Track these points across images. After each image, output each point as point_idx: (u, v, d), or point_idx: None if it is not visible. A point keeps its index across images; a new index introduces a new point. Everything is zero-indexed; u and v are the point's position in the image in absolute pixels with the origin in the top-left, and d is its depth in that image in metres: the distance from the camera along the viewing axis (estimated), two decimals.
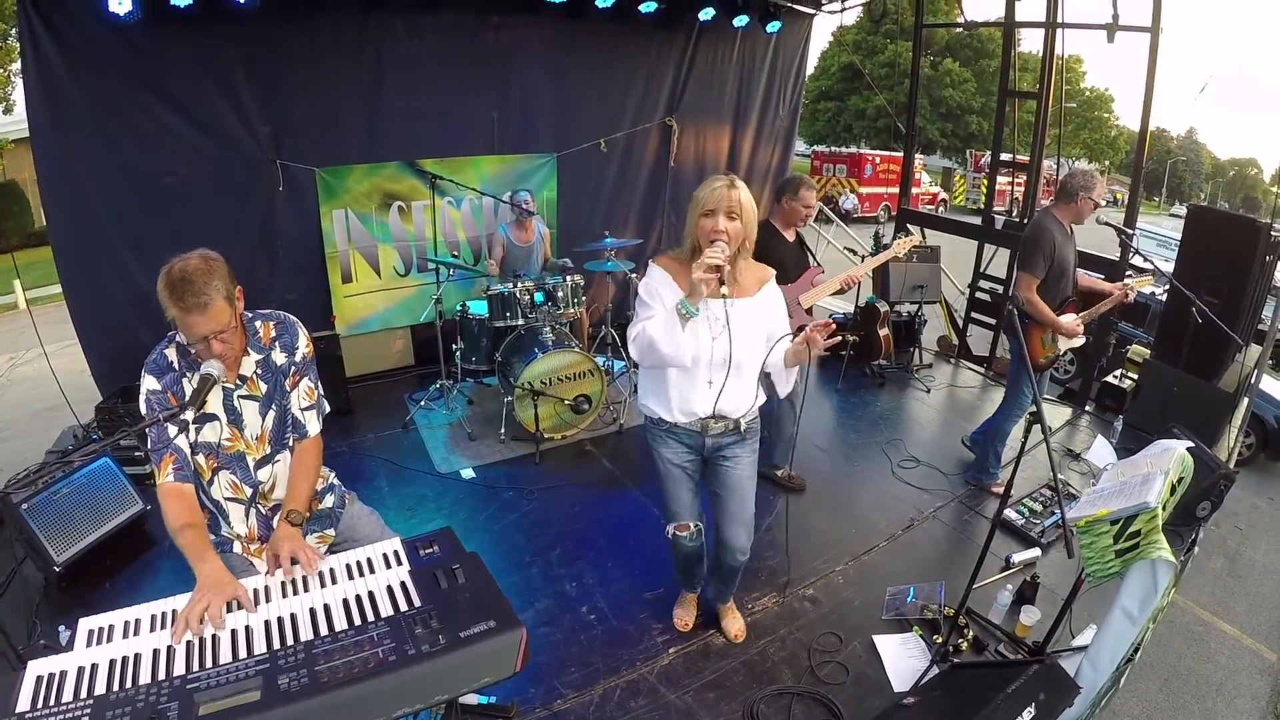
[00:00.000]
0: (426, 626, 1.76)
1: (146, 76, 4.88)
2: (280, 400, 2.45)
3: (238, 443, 2.38)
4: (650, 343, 2.54)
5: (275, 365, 2.43)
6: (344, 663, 1.66)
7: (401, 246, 6.40)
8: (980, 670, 3.13)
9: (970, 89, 34.37)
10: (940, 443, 5.82)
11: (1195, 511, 4.09)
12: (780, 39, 7.77)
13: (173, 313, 2.11)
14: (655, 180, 7.69)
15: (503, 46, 6.20)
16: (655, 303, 2.63)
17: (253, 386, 2.38)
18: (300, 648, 1.74)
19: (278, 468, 2.48)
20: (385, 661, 1.66)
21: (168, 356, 2.28)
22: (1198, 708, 4.03)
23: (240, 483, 2.42)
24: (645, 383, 2.94)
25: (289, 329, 2.48)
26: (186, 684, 1.63)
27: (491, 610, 1.80)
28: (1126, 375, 7.08)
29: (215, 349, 2.18)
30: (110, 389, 5.21)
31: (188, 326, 2.13)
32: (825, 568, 4.10)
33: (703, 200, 2.54)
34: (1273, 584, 5.46)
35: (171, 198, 5.16)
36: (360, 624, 1.83)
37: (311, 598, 1.98)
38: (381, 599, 1.93)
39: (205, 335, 2.14)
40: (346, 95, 5.68)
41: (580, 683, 3.19)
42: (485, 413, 5.90)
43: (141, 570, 3.95)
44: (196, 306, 2.10)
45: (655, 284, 2.67)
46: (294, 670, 1.65)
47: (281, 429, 2.47)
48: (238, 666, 1.68)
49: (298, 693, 1.58)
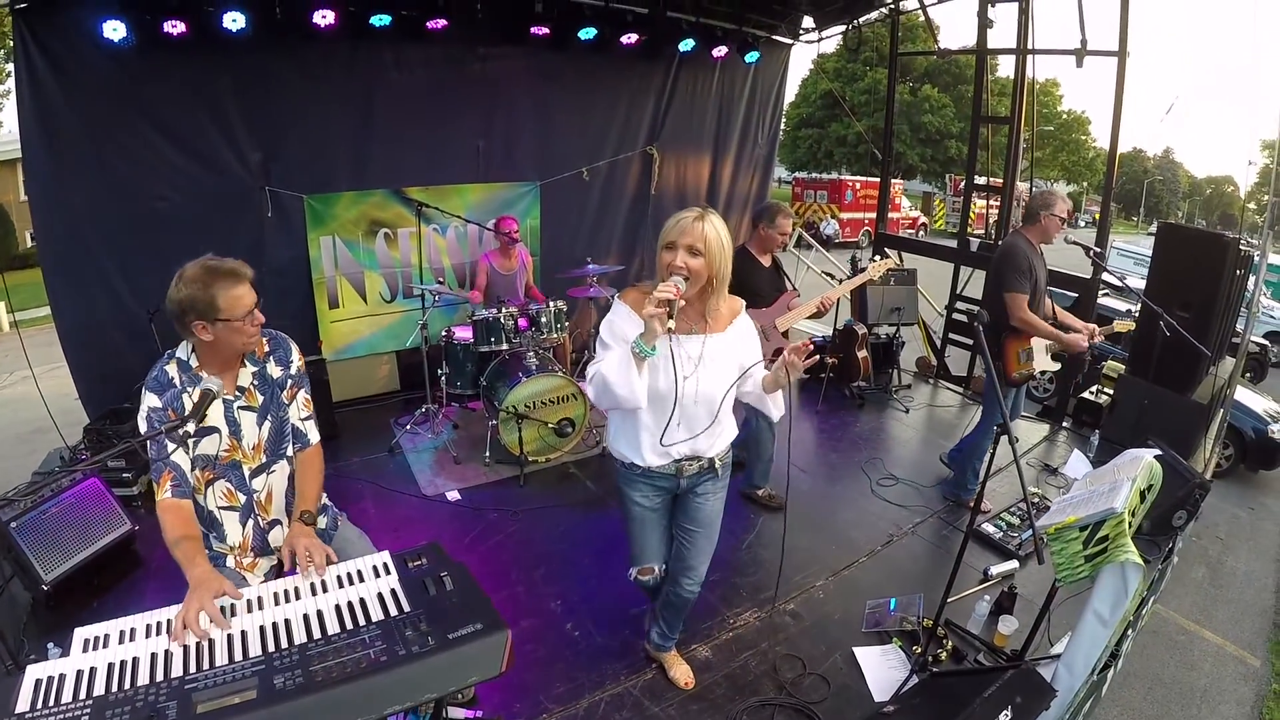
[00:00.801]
0: (416, 629, 1.83)
1: (139, 102, 4.97)
2: (276, 411, 2.54)
3: (235, 452, 2.46)
4: (604, 384, 2.42)
5: (271, 378, 2.54)
6: (337, 663, 1.73)
7: (388, 273, 6.48)
8: (959, 678, 3.20)
9: (949, 114, 34.91)
10: (919, 461, 5.92)
11: (1172, 521, 4.20)
12: (759, 69, 7.97)
13: (219, 294, 2.23)
14: (637, 208, 7.82)
15: (488, 77, 6.35)
16: (615, 342, 2.49)
17: (250, 397, 2.48)
18: (294, 650, 1.80)
19: (273, 479, 2.57)
20: (377, 661, 1.73)
21: (168, 373, 2.35)
22: (1182, 715, 4.13)
23: (235, 490, 2.50)
24: (615, 425, 2.79)
25: (282, 344, 2.61)
26: (184, 684, 1.69)
27: (478, 614, 1.87)
28: (1102, 391, 7.22)
29: (259, 319, 2.36)
30: (97, 412, 5.25)
31: (237, 300, 2.27)
32: (806, 583, 4.16)
33: (665, 232, 2.45)
34: (1254, 592, 5.58)
35: (161, 222, 5.24)
36: (353, 628, 1.89)
37: (304, 604, 2.04)
38: (372, 605, 1.99)
39: (251, 307, 2.31)
40: (335, 124, 5.80)
41: (566, 697, 3.23)
42: (470, 436, 5.94)
43: (129, 590, 3.97)
44: (240, 277, 2.29)
45: (619, 321, 2.54)
46: (289, 670, 1.71)
47: (278, 440, 2.56)
48: (234, 668, 1.74)
49: (292, 691, 1.64)
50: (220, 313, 2.25)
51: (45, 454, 5.32)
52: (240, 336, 2.33)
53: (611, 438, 2.83)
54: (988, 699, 2.55)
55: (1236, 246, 5.98)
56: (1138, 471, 2.93)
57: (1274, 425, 7.60)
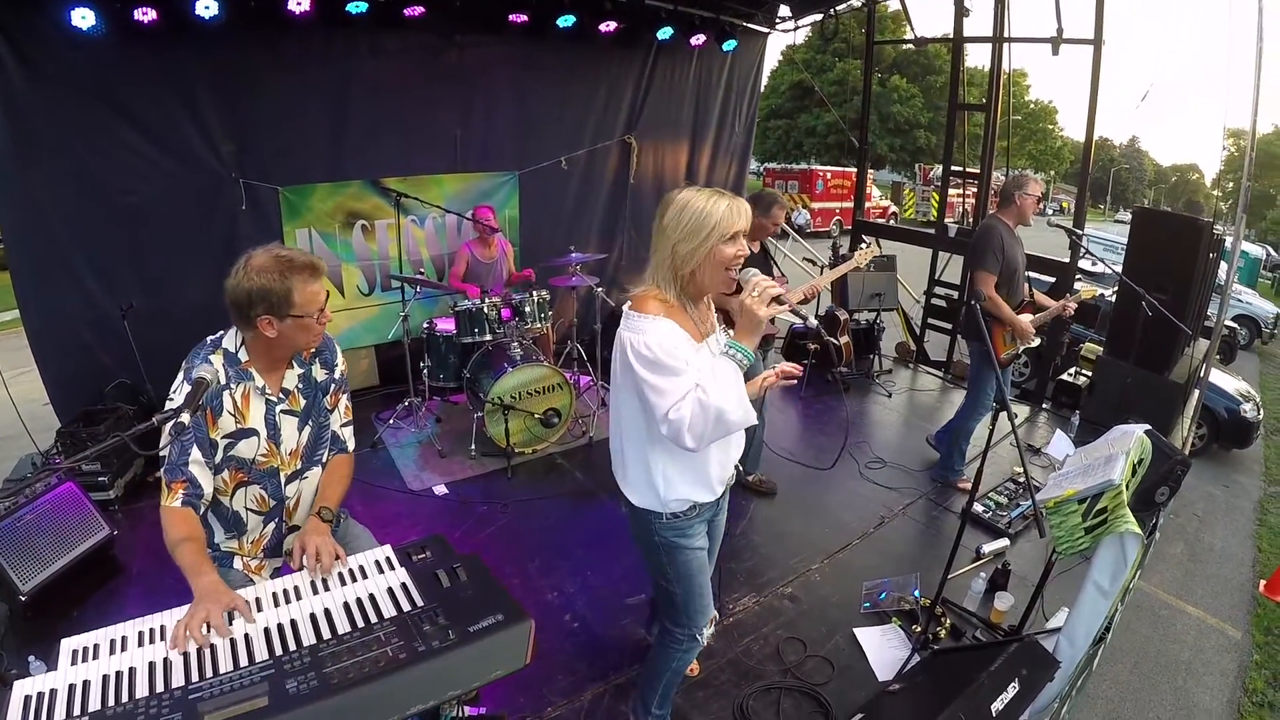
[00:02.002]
0: (434, 624, 1.76)
1: (109, 92, 4.82)
2: (318, 417, 2.44)
3: (273, 458, 2.34)
4: (719, 416, 1.98)
5: (315, 381, 2.43)
6: (353, 663, 1.65)
7: (365, 266, 6.38)
8: (961, 654, 3.22)
9: (918, 104, 35.23)
10: (905, 444, 5.98)
11: (1154, 497, 4.24)
12: (735, 57, 7.94)
13: (296, 287, 2.11)
14: (615, 197, 7.78)
15: (466, 66, 6.25)
16: (679, 363, 2.04)
17: (294, 401, 2.37)
18: (305, 652, 1.71)
19: (304, 485, 2.47)
20: (396, 659, 1.65)
21: (213, 365, 2.17)
22: (1169, 686, 4.18)
23: (267, 497, 2.39)
24: (673, 470, 2.28)
25: (328, 345, 2.48)
26: (189, 694, 1.58)
27: (497, 604, 1.81)
28: (1081, 372, 7.33)
29: (327, 316, 2.25)
30: (69, 415, 5.08)
31: (313, 296, 2.16)
32: (801, 566, 4.18)
33: (722, 221, 2.07)
34: (1232, 566, 5.69)
35: (132, 216, 5.09)
36: (365, 625, 1.82)
37: (309, 603, 1.95)
38: (383, 600, 1.92)
39: (323, 304, 2.22)
40: (310, 113, 5.67)
41: (569, 689, 3.20)
42: (454, 430, 5.87)
43: (109, 597, 3.85)
44: (316, 272, 2.18)
45: (666, 340, 2.06)
46: (301, 674, 1.62)
47: (315, 445, 2.46)
48: (241, 674, 1.64)
49: (308, 695, 1.55)
50: (294, 308, 2.12)
51: (15, 461, 5.17)
52: (307, 335, 2.22)
53: (665, 488, 2.29)
54: (994, 672, 2.56)
55: (1210, 230, 6.08)
56: (1130, 445, 2.97)
57: (1245, 405, 7.80)
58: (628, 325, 2.12)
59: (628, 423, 2.28)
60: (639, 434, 2.26)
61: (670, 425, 2.01)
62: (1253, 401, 7.99)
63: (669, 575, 2.44)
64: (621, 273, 7.99)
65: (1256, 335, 14.99)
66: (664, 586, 2.50)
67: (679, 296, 2.16)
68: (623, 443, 2.34)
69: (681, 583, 2.45)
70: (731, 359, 2.06)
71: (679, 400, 2.01)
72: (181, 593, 1.93)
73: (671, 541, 2.37)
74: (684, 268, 2.12)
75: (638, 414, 2.22)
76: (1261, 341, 15.09)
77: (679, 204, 2.11)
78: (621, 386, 2.22)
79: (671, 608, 2.54)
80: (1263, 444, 8.70)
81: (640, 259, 7.99)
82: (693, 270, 2.12)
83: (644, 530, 2.39)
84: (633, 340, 2.07)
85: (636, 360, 2.05)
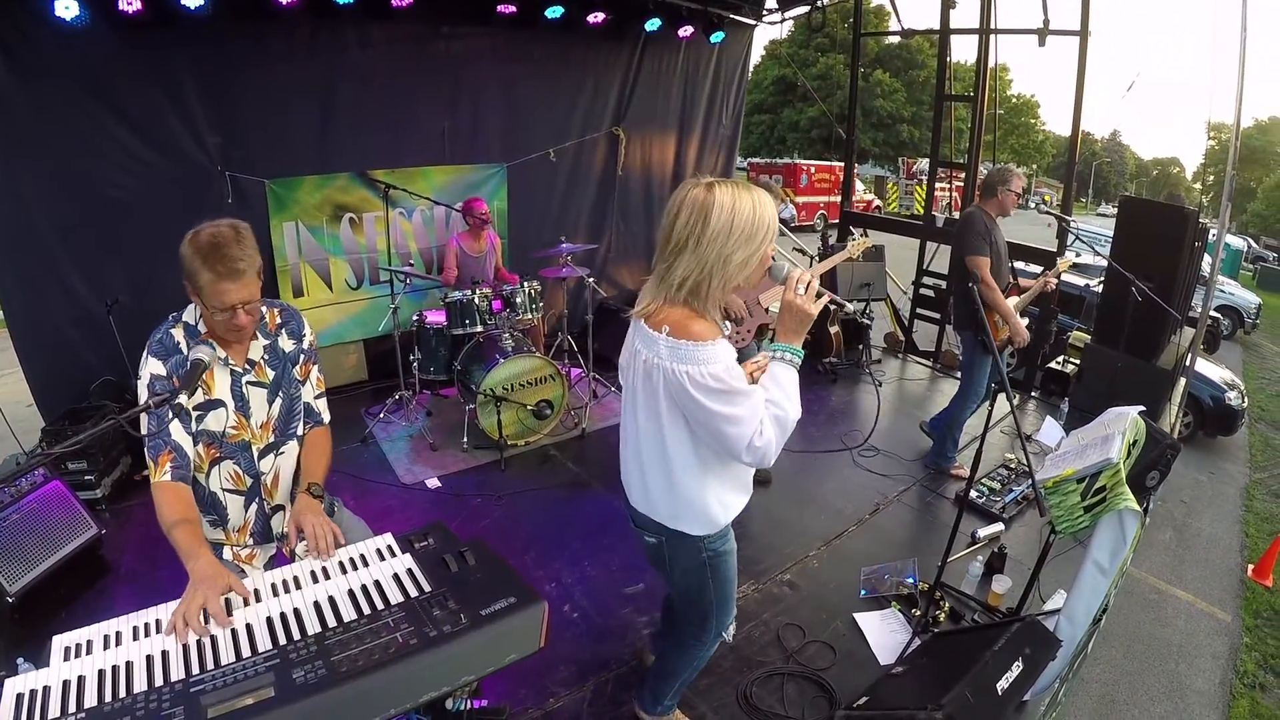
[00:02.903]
0: (444, 608, 1.73)
1: (92, 84, 4.72)
2: (288, 388, 2.39)
3: (243, 431, 2.30)
4: (786, 426, 1.97)
5: (283, 352, 2.38)
6: (362, 650, 1.61)
7: (353, 259, 6.32)
8: (962, 635, 3.23)
9: (900, 99, 35.39)
10: (896, 432, 5.99)
11: (1145, 481, 4.28)
12: (723, 49, 7.93)
13: (203, 279, 2.02)
14: (604, 189, 7.75)
15: (453, 57, 6.20)
16: (742, 381, 1.92)
17: (260, 372, 2.31)
18: (311, 640, 1.67)
19: (281, 460, 2.42)
20: (407, 646, 1.62)
21: (174, 337, 2.16)
22: (1161, 669, 4.21)
23: (242, 473, 2.34)
24: (727, 491, 2.18)
25: (294, 316, 2.44)
26: (190, 687, 1.53)
27: (509, 588, 1.79)
28: (1069, 361, 7.38)
29: (241, 320, 2.10)
30: (54, 414, 4.98)
31: (219, 294, 2.03)
32: (799, 553, 4.19)
33: (775, 219, 1.95)
34: (1220, 551, 5.75)
35: (117, 211, 5.01)
36: (372, 612, 1.78)
37: (312, 591, 1.91)
38: (389, 587, 1.89)
39: (234, 304, 2.07)
40: (297, 105, 5.60)
41: (571, 680, 3.19)
42: (446, 423, 5.83)
43: (98, 597, 3.79)
44: (230, 273, 2.02)
45: (730, 361, 1.92)
46: (308, 663, 1.57)
47: (288, 418, 2.41)
48: (244, 665, 1.59)
49: (315, 685, 1.51)
50: (201, 294, 2.07)
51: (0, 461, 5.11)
52: (219, 327, 2.13)
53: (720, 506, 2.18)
54: (998, 652, 2.56)
55: (1197, 219, 6.13)
56: (1126, 426, 2.98)
57: (1230, 393, 7.90)
58: (679, 355, 1.89)
59: (678, 456, 2.07)
60: (691, 466, 2.08)
61: (756, 452, 1.91)
62: (1237, 390, 8.09)
63: (709, 588, 2.34)
64: (610, 264, 7.97)
65: (1239, 325, 15.19)
66: (696, 600, 2.39)
67: (709, 302, 1.95)
68: (669, 477, 2.11)
69: (720, 589, 2.36)
70: (789, 364, 2.01)
71: (759, 423, 1.90)
72: (173, 591, 1.87)
73: (718, 552, 2.27)
74: (735, 279, 1.93)
75: (687, 446, 2.05)
76: (1244, 331, 15.30)
77: (723, 207, 1.85)
78: (664, 417, 2.02)
79: (702, 614, 2.44)
80: (1247, 431, 8.83)
81: (628, 251, 8.01)
82: (743, 278, 1.95)
83: (688, 554, 2.25)
84: (692, 373, 1.87)
85: (703, 394, 1.87)
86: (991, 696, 2.43)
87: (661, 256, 1.96)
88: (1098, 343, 6.39)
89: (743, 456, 1.92)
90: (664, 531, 2.22)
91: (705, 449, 2.04)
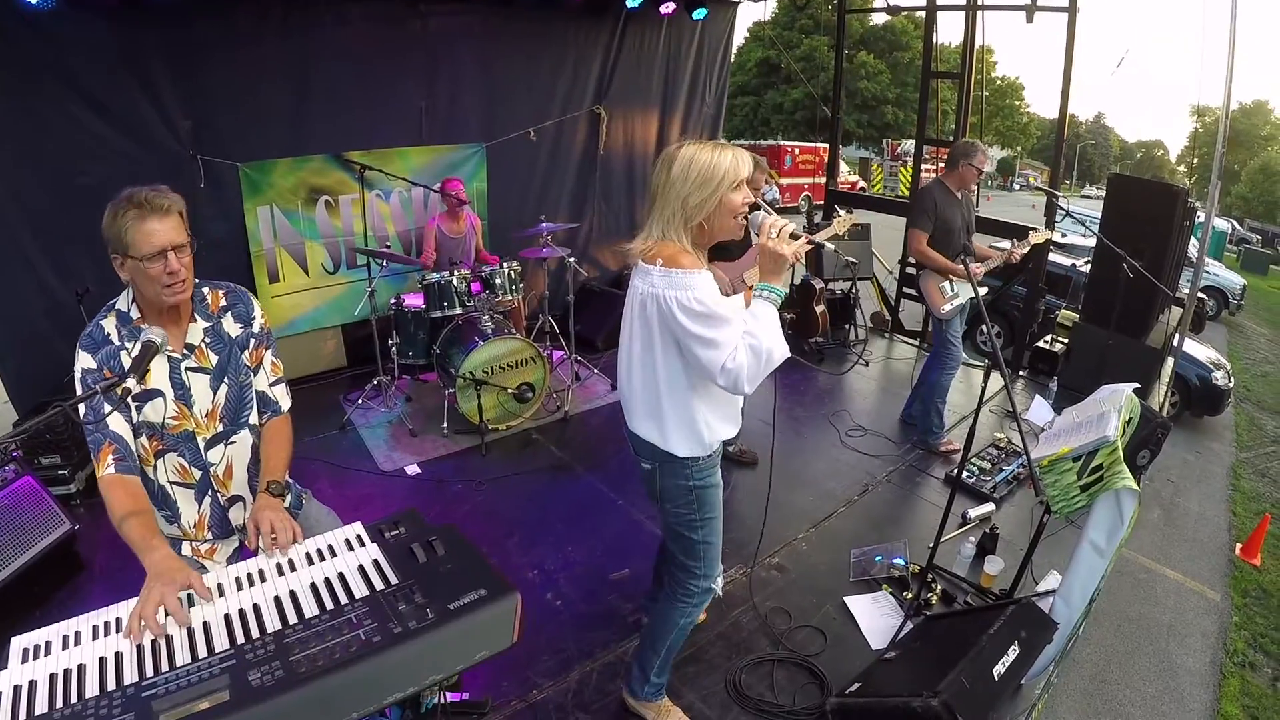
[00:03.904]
0: (410, 602, 1.62)
1: (60, 69, 4.55)
2: (235, 374, 2.25)
3: (185, 420, 2.16)
4: (769, 355, 2.08)
5: (228, 336, 2.24)
6: (322, 649, 1.51)
7: (329, 243, 6.16)
8: (956, 618, 3.16)
9: (884, 80, 35.38)
10: (884, 412, 5.95)
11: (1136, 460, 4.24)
12: (705, 26, 7.80)
13: (126, 222, 1.91)
14: (585, 168, 7.60)
15: (430, 35, 6.03)
16: (727, 310, 2.12)
17: (201, 357, 2.18)
18: (269, 639, 1.57)
19: (233, 450, 2.29)
20: (369, 644, 1.51)
21: (104, 328, 2.05)
22: (1152, 649, 4.19)
23: (189, 465, 2.21)
24: (713, 415, 2.36)
25: (242, 298, 2.30)
26: (142, 691, 1.44)
27: (480, 579, 1.67)
28: (1057, 339, 7.36)
29: (173, 265, 1.97)
30: (27, 408, 4.84)
31: (147, 235, 1.92)
32: (788, 535, 4.12)
33: (729, 172, 2.11)
34: (1208, 530, 5.74)
35: (87, 199, 4.73)
36: (334, 607, 1.67)
37: (273, 586, 1.81)
38: (354, 580, 1.78)
39: (164, 247, 1.95)
40: (270, 86, 5.43)
41: (555, 669, 3.10)
42: (425, 409, 5.72)
43: (72, 596, 3.67)
44: (154, 209, 1.93)
45: (715, 290, 2.13)
46: (265, 664, 1.48)
47: (238, 406, 2.28)
48: (199, 667, 1.50)
49: (273, 687, 1.42)
50: (130, 249, 1.93)
51: None
52: (151, 284, 1.98)
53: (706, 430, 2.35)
54: (994, 635, 2.50)
55: (1186, 197, 6.09)
56: (1121, 403, 2.91)
57: (1217, 373, 7.93)
58: (670, 282, 2.11)
59: (667, 379, 2.27)
60: (681, 388, 2.27)
61: (729, 374, 2.06)
62: (1224, 370, 8.11)
63: (697, 521, 2.48)
64: (592, 245, 7.85)
65: (1224, 306, 15.30)
66: (686, 538, 2.52)
67: (698, 242, 2.21)
68: (660, 399, 2.31)
69: (707, 525, 2.50)
70: (768, 300, 2.14)
71: (734, 349, 2.06)
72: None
73: (706, 483, 2.44)
74: (696, 216, 2.14)
75: (678, 369, 2.24)
76: (1229, 312, 15.42)
77: (685, 158, 2.13)
78: (658, 344, 2.23)
79: (691, 559, 2.56)
80: (1234, 411, 8.85)
81: (610, 231, 7.89)
82: (702, 221, 2.16)
83: (677, 480, 2.42)
84: (680, 297, 2.09)
85: (687, 317, 2.08)
86: (988, 681, 2.36)
87: (648, 208, 2.25)
88: (1086, 321, 6.35)
89: (717, 378, 2.09)
90: (657, 456, 2.39)
91: (694, 374, 2.23)
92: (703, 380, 2.23)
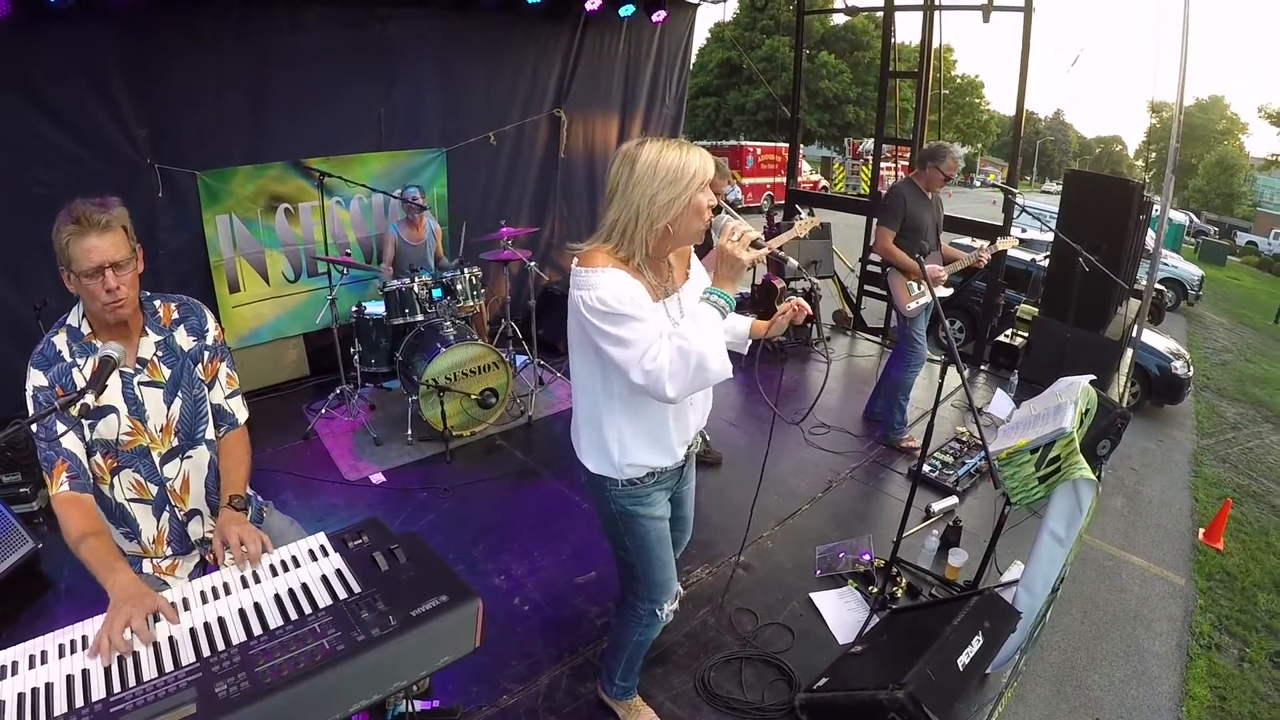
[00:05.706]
0: (373, 610, 1.63)
1: (14, 77, 4.45)
2: (189, 388, 2.23)
3: (140, 436, 2.14)
4: (700, 361, 1.87)
5: (180, 349, 2.22)
6: (287, 659, 1.52)
7: (290, 251, 6.09)
8: (921, 611, 3.20)
9: (846, 80, 35.65)
10: (847, 409, 6.02)
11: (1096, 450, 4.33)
12: (665, 29, 7.82)
13: (66, 236, 1.89)
14: (546, 172, 7.59)
15: (388, 39, 5.97)
16: (644, 311, 1.94)
17: (154, 371, 2.15)
18: (234, 651, 1.58)
19: (188, 464, 2.26)
20: (333, 652, 1.53)
21: (55, 345, 2.03)
22: (1119, 634, 4.28)
23: (145, 481, 2.18)
24: (628, 432, 2.17)
25: (194, 311, 2.28)
26: (109, 708, 1.45)
27: (441, 585, 1.69)
28: (1017, 334, 7.48)
29: (110, 283, 1.94)
30: None
31: (84, 252, 1.89)
32: (752, 534, 4.11)
33: (698, 173, 1.94)
34: (1171, 517, 5.87)
35: (43, 209, 4.64)
36: (299, 618, 1.68)
37: (237, 599, 1.81)
38: (317, 590, 1.78)
39: (102, 264, 1.91)
40: (228, 94, 5.34)
41: (525, 674, 3.10)
42: (389, 416, 5.68)
43: (38, 615, 3.59)
44: (95, 225, 1.89)
45: (621, 289, 1.93)
46: (231, 675, 1.49)
47: (193, 420, 2.25)
48: (165, 681, 1.50)
49: (239, 699, 1.43)
50: (72, 263, 1.91)
51: None
52: (91, 300, 1.96)
53: (620, 454, 2.19)
54: (958, 626, 2.54)
55: (1141, 191, 6.22)
56: (1077, 395, 2.97)
57: (1176, 363, 8.13)
58: (576, 283, 1.99)
59: (582, 385, 2.20)
60: (593, 395, 2.17)
61: (647, 375, 1.89)
62: (1183, 359, 8.30)
63: (627, 546, 2.36)
64: (554, 248, 7.84)
65: (1183, 297, 15.66)
66: (622, 558, 2.43)
67: (640, 257, 2.01)
68: (577, 404, 2.27)
69: (640, 555, 2.36)
70: (713, 305, 1.94)
71: (649, 348, 1.90)
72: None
73: (629, 510, 2.28)
74: (662, 218, 1.95)
75: (594, 375, 2.13)
76: (1188, 303, 15.80)
77: (649, 156, 1.94)
78: (576, 349, 2.14)
79: (631, 580, 2.47)
80: (1194, 399, 9.08)
81: (571, 234, 7.87)
82: (669, 221, 1.97)
83: (600, 498, 2.31)
84: (584, 297, 1.95)
85: (592, 315, 1.93)
86: (953, 671, 2.40)
87: (603, 208, 2.07)
88: (1046, 315, 6.46)
89: (633, 377, 1.92)
90: (583, 468, 2.31)
91: (613, 380, 2.09)
92: (624, 389, 2.08)
